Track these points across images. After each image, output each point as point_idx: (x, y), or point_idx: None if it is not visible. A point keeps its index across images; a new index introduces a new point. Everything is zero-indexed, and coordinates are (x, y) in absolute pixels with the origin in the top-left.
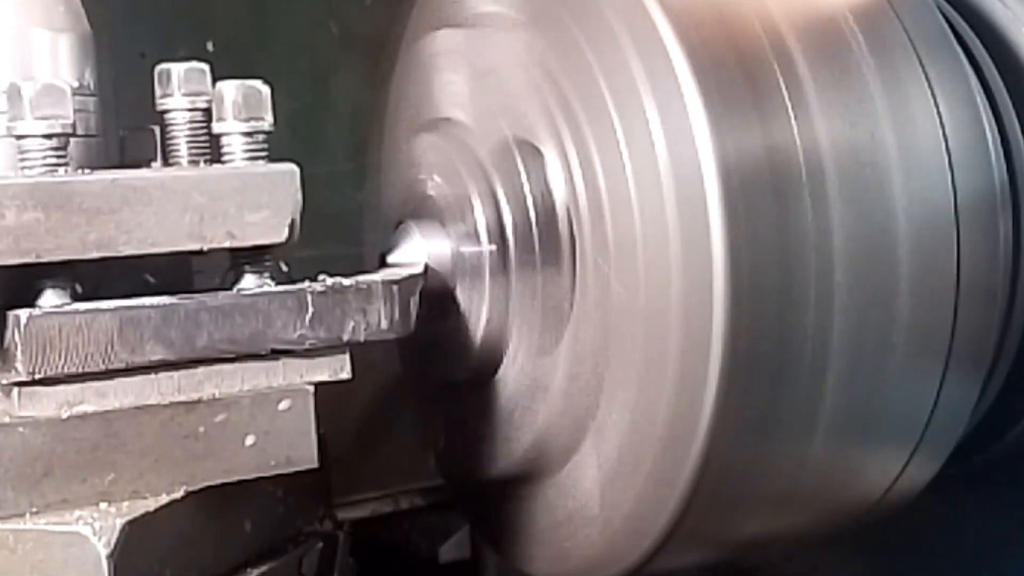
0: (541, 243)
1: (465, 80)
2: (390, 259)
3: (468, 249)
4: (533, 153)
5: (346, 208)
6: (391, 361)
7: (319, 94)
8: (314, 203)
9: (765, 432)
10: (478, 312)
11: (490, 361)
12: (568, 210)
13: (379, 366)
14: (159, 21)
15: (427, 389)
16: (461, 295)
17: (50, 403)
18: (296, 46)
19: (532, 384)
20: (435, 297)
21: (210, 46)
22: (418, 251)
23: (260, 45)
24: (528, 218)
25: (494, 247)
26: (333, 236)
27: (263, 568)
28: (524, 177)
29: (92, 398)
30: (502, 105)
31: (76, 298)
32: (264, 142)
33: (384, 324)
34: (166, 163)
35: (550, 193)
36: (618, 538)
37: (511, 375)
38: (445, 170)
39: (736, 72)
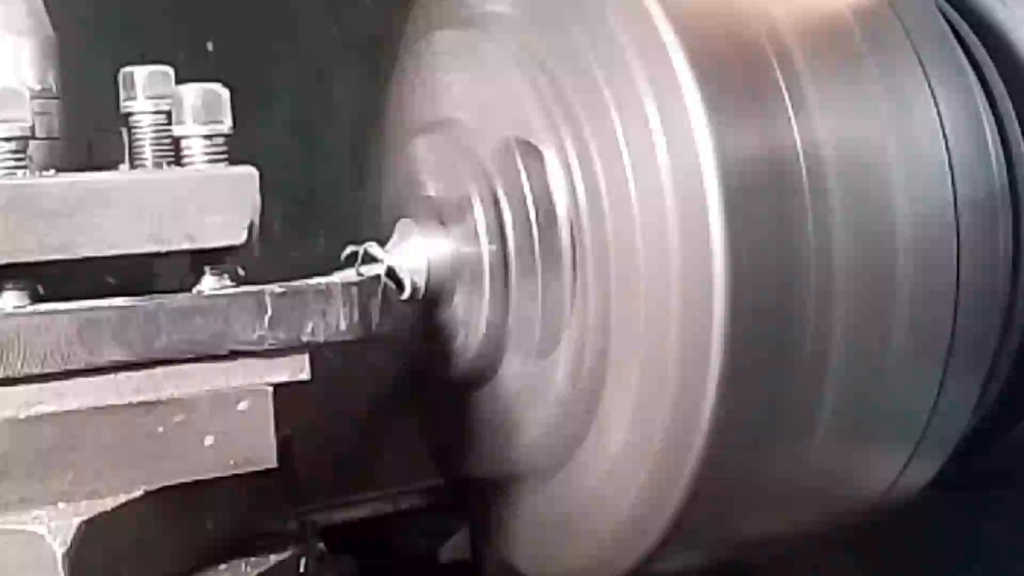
0: (541, 243)
1: (465, 80)
2: (389, 259)
3: (468, 249)
4: (533, 153)
5: (346, 208)
6: (391, 361)
7: (319, 94)
8: (314, 203)
9: (765, 432)
10: (478, 312)
11: (490, 361)
12: (568, 210)
13: (379, 366)
14: (159, 22)
15: (427, 389)
16: (461, 295)
17: (8, 403)
18: (296, 46)
19: (532, 385)
20: (435, 297)
21: (210, 46)
22: (418, 251)
23: (260, 45)
24: (528, 218)
25: (494, 247)
26: (332, 237)
27: (261, 568)
28: (524, 177)
29: (50, 399)
30: (502, 105)
31: (36, 299)
32: (224, 144)
33: (343, 325)
34: (133, 166)
35: (550, 193)
36: (618, 538)
37: (511, 376)
38: (445, 170)
39: (736, 72)
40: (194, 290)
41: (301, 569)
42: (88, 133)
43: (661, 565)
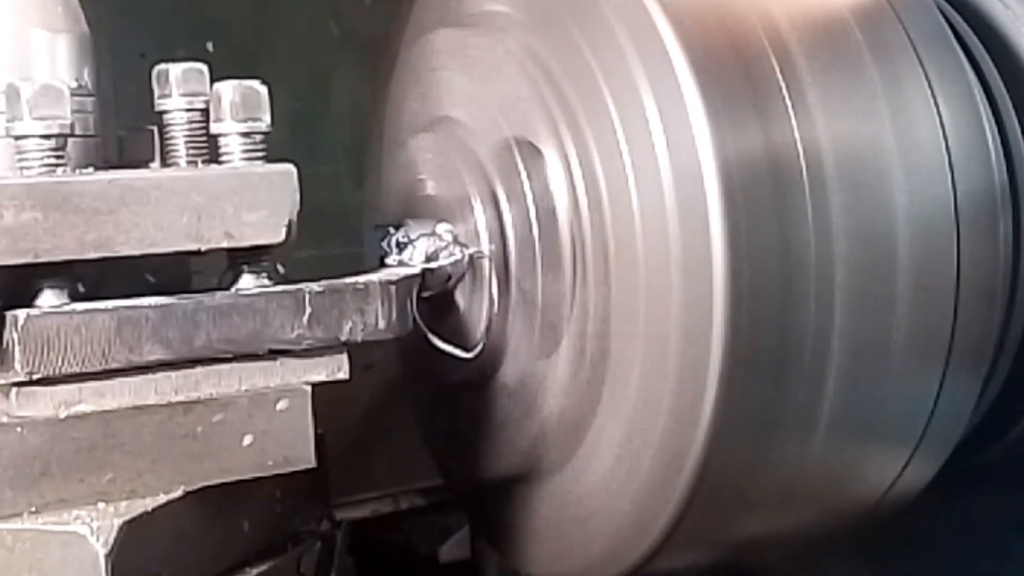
0: (541, 243)
1: (465, 80)
2: (389, 259)
3: (468, 249)
4: (533, 153)
5: (346, 208)
6: (391, 361)
7: (319, 94)
8: (314, 203)
9: (765, 432)
10: (478, 312)
11: (490, 362)
12: (568, 210)
13: (379, 366)
14: (159, 21)
15: (427, 389)
16: (461, 295)
17: (48, 403)
18: (296, 46)
19: (532, 385)
20: (435, 297)
21: (210, 46)
22: (418, 251)
23: (260, 45)
24: (528, 218)
25: (494, 247)
26: (333, 236)
27: (262, 567)
28: (524, 177)
29: (90, 398)
30: (502, 105)
31: (75, 298)
32: (262, 142)
33: (382, 324)
34: (164, 163)
35: (550, 193)
36: (618, 538)
37: (511, 376)
38: (445, 170)
39: (736, 72)
40: (233, 289)
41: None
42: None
43: (661, 564)
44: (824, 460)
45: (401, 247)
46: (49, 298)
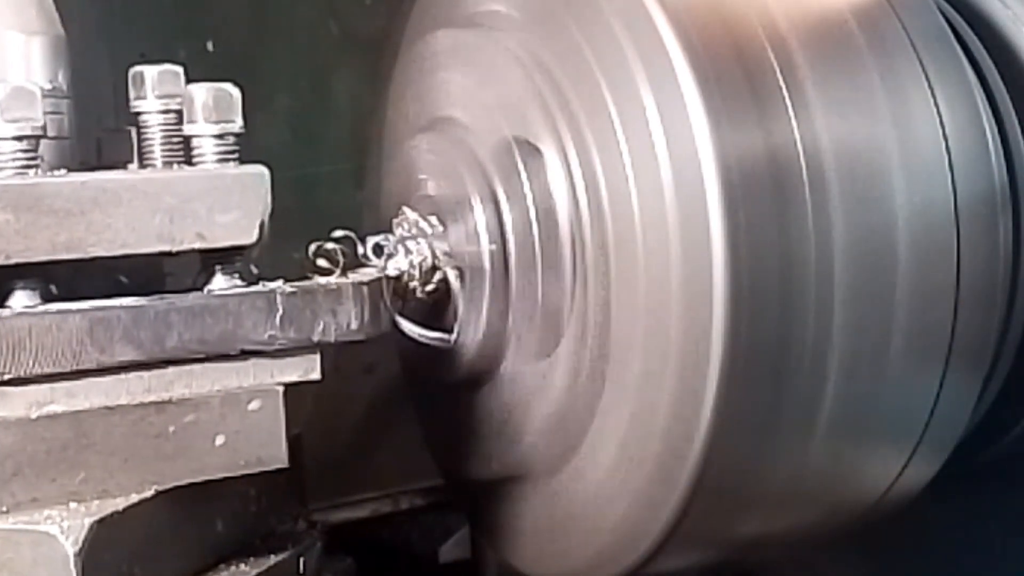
0: (541, 243)
1: (465, 80)
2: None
3: (468, 249)
4: (533, 153)
5: (346, 208)
6: (391, 361)
7: (319, 94)
8: (314, 203)
9: (765, 432)
10: (478, 312)
11: (490, 361)
12: (568, 210)
13: (379, 367)
14: (159, 21)
15: (427, 389)
16: (461, 295)
17: (20, 403)
18: (296, 46)
19: (532, 384)
20: (432, 297)
21: (210, 46)
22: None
23: (260, 45)
24: (528, 218)
25: (494, 247)
26: None
27: (260, 568)
28: (524, 177)
29: (62, 398)
30: (502, 105)
31: (48, 299)
32: (235, 144)
33: (354, 325)
34: (142, 165)
35: (550, 193)
36: (618, 538)
37: (511, 375)
38: (445, 170)
39: (736, 72)
40: (205, 289)
41: (301, 569)
42: (88, 131)
43: (661, 565)
44: (824, 460)
45: (378, 252)
46: (21, 299)
